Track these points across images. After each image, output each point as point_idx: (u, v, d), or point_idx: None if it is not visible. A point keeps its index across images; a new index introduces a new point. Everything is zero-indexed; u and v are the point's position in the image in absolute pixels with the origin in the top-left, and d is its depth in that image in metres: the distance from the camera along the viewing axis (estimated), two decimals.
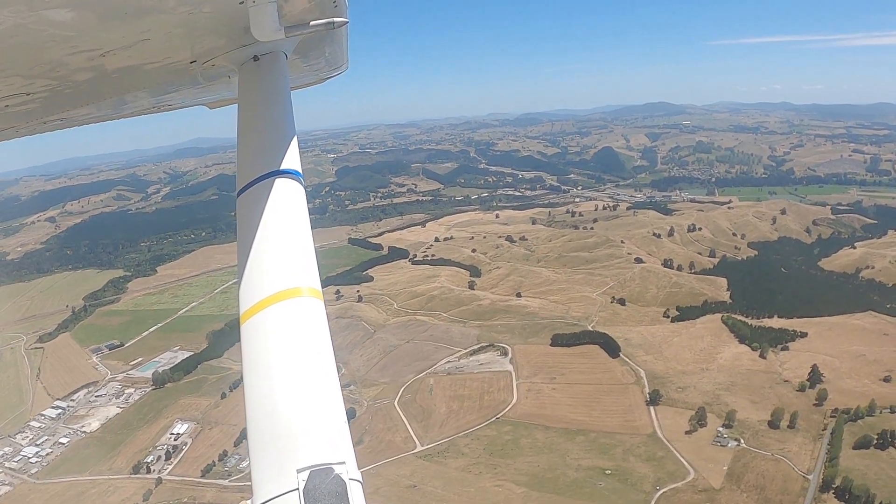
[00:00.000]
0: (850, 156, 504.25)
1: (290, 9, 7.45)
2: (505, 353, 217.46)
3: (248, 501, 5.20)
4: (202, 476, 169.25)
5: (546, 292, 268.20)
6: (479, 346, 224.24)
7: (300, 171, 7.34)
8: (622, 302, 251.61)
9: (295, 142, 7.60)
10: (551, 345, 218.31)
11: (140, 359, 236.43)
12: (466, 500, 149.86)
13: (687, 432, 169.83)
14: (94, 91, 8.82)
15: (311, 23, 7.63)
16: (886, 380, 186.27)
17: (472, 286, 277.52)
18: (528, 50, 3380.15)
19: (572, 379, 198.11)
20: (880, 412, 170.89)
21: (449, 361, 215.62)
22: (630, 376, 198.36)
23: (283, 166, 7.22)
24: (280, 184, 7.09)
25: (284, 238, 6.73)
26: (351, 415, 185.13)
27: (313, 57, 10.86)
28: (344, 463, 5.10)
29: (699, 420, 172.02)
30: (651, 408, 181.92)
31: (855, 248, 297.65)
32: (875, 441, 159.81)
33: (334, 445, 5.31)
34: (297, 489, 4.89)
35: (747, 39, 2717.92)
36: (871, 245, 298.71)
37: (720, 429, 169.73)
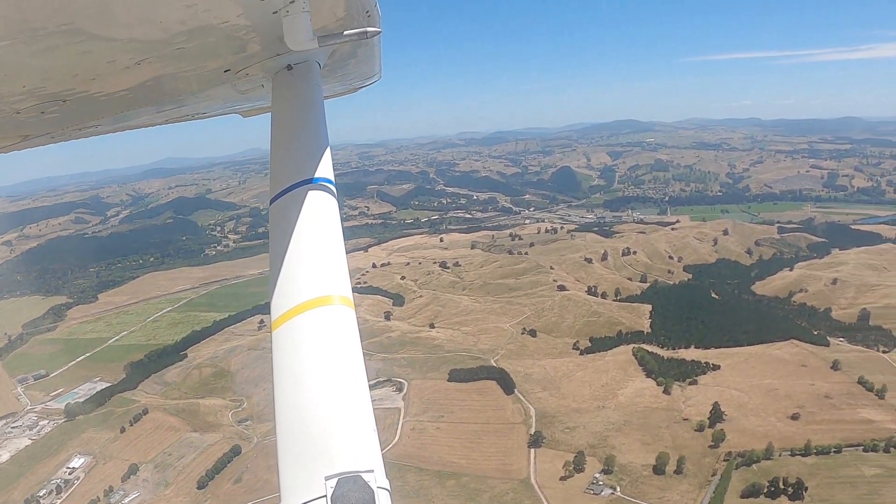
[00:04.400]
0: (807, 171, 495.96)
1: (323, 19, 7.60)
2: (400, 389, 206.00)
3: None
4: None
5: (460, 323, 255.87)
6: (375, 381, 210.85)
7: (333, 179, 7.33)
8: (533, 333, 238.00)
9: (328, 151, 7.63)
10: (449, 380, 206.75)
11: (61, 389, 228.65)
12: None
13: (562, 478, 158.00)
14: (129, 99, 8.74)
15: (345, 32, 7.69)
16: (794, 417, 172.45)
17: (388, 316, 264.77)
18: (499, 69, 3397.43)
19: (461, 417, 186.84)
20: (779, 455, 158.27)
21: None
22: (519, 415, 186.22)
23: (316, 175, 7.18)
24: (313, 192, 7.01)
25: (316, 246, 6.70)
26: (237, 452, 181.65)
27: (346, 66, 10.91)
28: (372, 471, 5.13)
29: (577, 465, 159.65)
30: (532, 450, 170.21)
31: (792, 270, 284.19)
32: (766, 489, 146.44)
33: (363, 453, 5.32)
34: (325, 496, 4.92)
35: (717, 56, 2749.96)
36: (810, 266, 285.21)
37: (597, 475, 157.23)
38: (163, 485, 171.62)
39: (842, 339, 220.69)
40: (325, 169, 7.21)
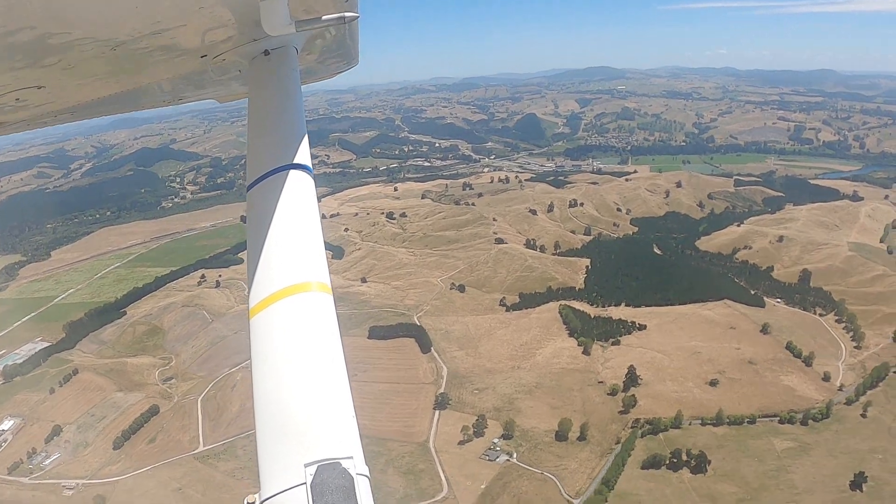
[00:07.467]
0: (774, 123, 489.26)
1: (300, 3, 7.61)
2: None
3: (256, 495, 5.24)
4: (8, 474, 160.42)
5: (392, 277, 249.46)
6: None
7: (310, 165, 7.31)
8: (462, 288, 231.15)
9: (305, 136, 7.59)
10: (368, 337, 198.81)
11: (3, 351, 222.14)
12: None
13: (460, 442, 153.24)
14: (104, 84, 8.67)
15: (323, 17, 7.82)
16: (713, 383, 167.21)
17: None
18: (476, 12, 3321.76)
19: (373, 377, 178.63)
20: (689, 424, 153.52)
21: None
22: (432, 375, 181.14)
23: (294, 161, 7.19)
24: (290, 178, 7.02)
25: (294, 232, 6.71)
26: (154, 412, 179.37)
27: (324, 51, 10.93)
28: (352, 458, 5.14)
29: (477, 429, 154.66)
30: (437, 412, 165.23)
31: (740, 225, 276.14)
32: (667, 460, 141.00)
33: (342, 440, 5.33)
34: (305, 483, 4.92)
35: (696, 4, 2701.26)
36: (759, 222, 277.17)
37: (496, 440, 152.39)
38: (82, 446, 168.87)
39: (779, 300, 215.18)
40: (302, 155, 7.15)
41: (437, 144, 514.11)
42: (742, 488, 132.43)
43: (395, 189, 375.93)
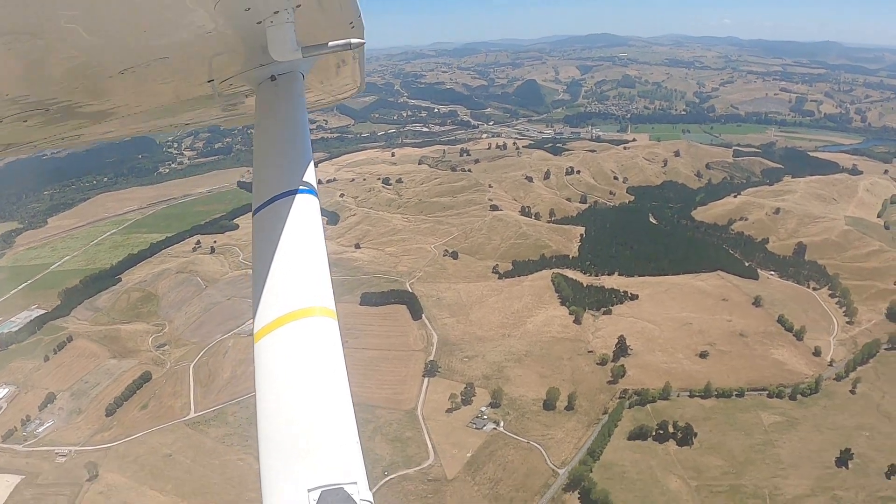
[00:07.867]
0: (776, 94, 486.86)
1: (307, 29, 7.53)
2: None
3: None
4: (2, 441, 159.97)
5: (386, 243, 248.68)
6: None
7: (316, 191, 7.43)
8: (455, 255, 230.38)
9: (311, 161, 7.73)
10: (360, 304, 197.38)
11: (0, 319, 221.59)
12: (207, 472, 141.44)
13: (448, 410, 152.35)
14: (112, 108, 8.82)
15: (329, 44, 7.86)
16: (702, 355, 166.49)
17: None
18: None
19: (363, 343, 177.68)
20: (677, 395, 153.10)
21: None
22: (422, 342, 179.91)
23: (299, 186, 7.32)
24: (296, 204, 7.15)
25: (299, 258, 6.83)
26: (147, 378, 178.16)
27: (330, 77, 11.10)
28: (355, 483, 5.18)
29: (465, 397, 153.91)
30: (427, 379, 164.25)
31: (737, 196, 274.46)
32: (654, 432, 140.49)
33: (346, 465, 5.38)
34: None
35: None
36: (757, 193, 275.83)
37: (483, 408, 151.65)
38: (76, 413, 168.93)
39: (773, 272, 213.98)
40: (308, 180, 7.28)
41: (436, 110, 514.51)
42: (728, 461, 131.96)
43: (393, 154, 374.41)
